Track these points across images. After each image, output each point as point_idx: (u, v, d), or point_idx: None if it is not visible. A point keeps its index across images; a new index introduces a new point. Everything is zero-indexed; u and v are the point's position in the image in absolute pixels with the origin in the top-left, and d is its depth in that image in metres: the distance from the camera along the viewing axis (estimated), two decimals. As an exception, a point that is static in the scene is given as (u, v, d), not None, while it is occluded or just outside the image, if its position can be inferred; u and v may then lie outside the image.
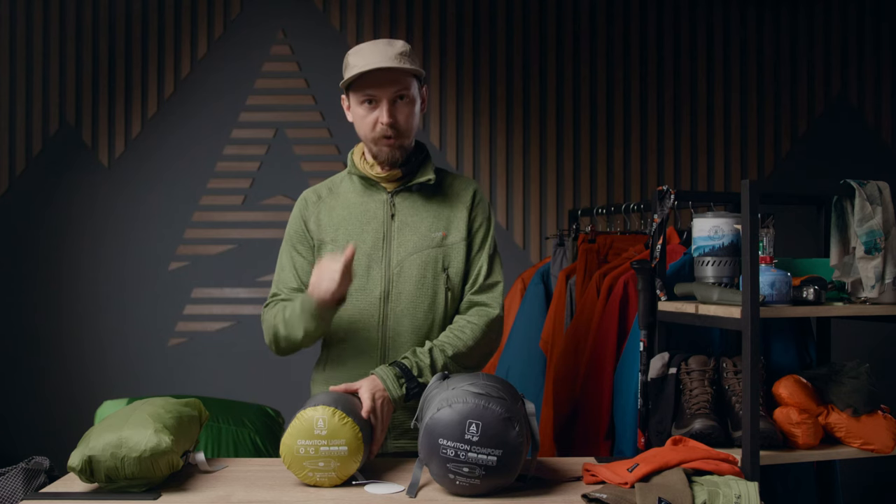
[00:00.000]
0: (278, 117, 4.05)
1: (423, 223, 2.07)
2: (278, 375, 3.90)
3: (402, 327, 2.04)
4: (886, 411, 2.26)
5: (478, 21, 4.12)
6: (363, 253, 2.05)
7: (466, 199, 2.11)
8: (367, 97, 2.01)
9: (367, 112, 2.02)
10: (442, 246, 2.06)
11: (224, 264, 4.03)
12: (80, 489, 1.74)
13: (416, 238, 2.06)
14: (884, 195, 2.27)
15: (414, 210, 2.08)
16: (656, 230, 2.38)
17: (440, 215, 2.08)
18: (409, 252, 2.05)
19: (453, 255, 2.07)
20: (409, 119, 2.04)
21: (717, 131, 4.19)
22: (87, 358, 3.98)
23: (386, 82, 1.99)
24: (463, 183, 2.14)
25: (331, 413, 1.73)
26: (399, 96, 2.01)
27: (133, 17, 4.04)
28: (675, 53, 4.17)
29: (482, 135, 4.11)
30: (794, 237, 3.27)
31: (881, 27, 4.26)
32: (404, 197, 2.09)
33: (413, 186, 2.08)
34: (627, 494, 1.65)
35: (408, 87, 2.02)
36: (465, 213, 2.10)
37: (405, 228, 2.06)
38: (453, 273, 2.07)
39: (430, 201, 2.09)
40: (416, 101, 2.05)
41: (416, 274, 2.04)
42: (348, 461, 1.74)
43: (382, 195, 2.09)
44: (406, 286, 2.04)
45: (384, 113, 2.00)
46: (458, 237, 2.08)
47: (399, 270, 2.04)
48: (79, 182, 4.01)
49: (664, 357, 2.29)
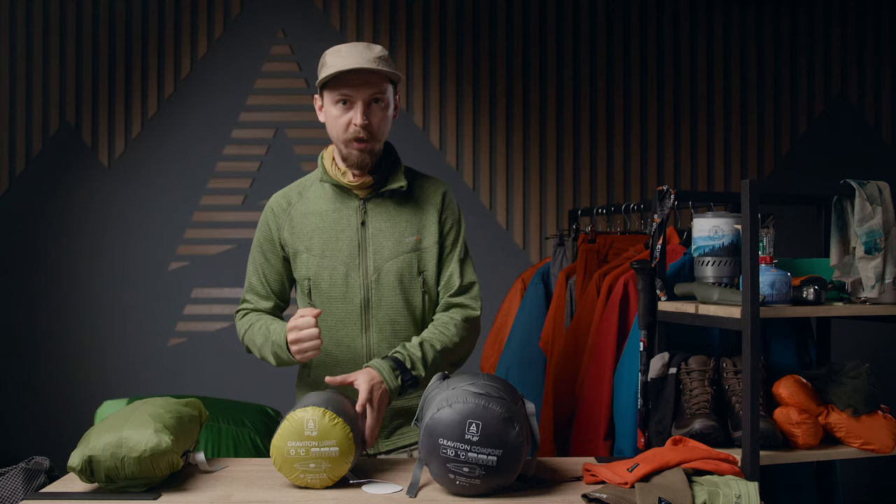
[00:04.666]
0: (278, 117, 4.05)
1: (397, 228, 2.08)
2: (278, 375, 3.90)
3: (384, 332, 2.06)
4: (886, 411, 2.26)
5: (478, 21, 4.12)
6: (340, 262, 2.06)
7: (437, 202, 2.12)
8: (343, 97, 2.00)
9: (340, 112, 2.01)
10: (417, 250, 2.08)
11: (224, 264, 4.03)
12: (80, 489, 1.74)
13: (391, 244, 2.07)
14: (884, 195, 2.27)
15: (387, 216, 2.08)
16: (656, 230, 2.38)
17: (412, 220, 2.09)
18: (384, 259, 2.06)
19: (428, 258, 2.09)
20: (383, 123, 2.03)
21: (717, 131, 4.19)
22: (87, 358, 3.98)
23: (362, 84, 1.99)
24: (433, 185, 2.15)
25: (321, 414, 1.72)
26: (374, 99, 2.01)
27: (133, 17, 4.04)
28: (675, 53, 4.17)
29: (482, 135, 4.11)
30: (794, 237, 3.27)
31: (881, 27, 4.26)
32: (376, 203, 2.08)
33: (385, 193, 2.08)
34: (627, 494, 1.65)
35: (383, 90, 2.02)
36: (436, 216, 2.11)
37: (379, 235, 2.07)
38: (429, 276, 2.09)
39: (402, 207, 2.10)
40: (390, 105, 2.05)
41: (394, 279, 2.06)
42: (340, 462, 1.73)
43: (354, 202, 2.08)
44: (385, 292, 2.06)
45: (359, 114, 1.99)
46: (431, 241, 2.09)
47: (377, 277, 2.06)
48: (79, 182, 4.01)
49: (664, 357, 2.29)
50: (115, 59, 4.04)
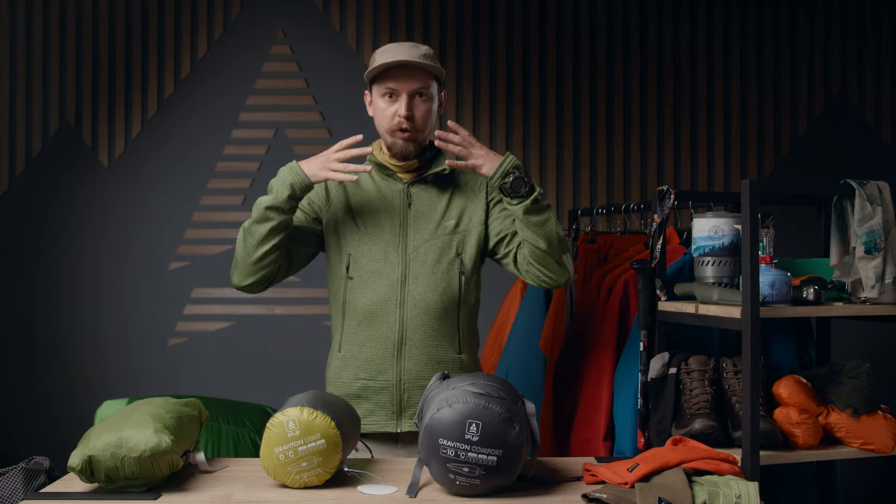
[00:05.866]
0: (278, 117, 4.05)
1: (437, 212, 2.19)
2: (278, 375, 3.91)
3: (419, 309, 2.14)
4: (886, 411, 2.26)
5: (478, 21, 4.12)
6: (381, 239, 2.17)
7: (480, 187, 2.24)
8: (389, 90, 2.14)
9: (387, 105, 2.16)
10: (455, 233, 2.18)
11: (224, 264, 4.02)
12: (80, 489, 1.74)
13: (431, 226, 2.18)
14: (884, 195, 2.27)
15: (429, 199, 2.20)
16: (656, 230, 2.38)
17: (454, 204, 2.21)
18: (424, 239, 2.17)
19: (467, 241, 2.19)
20: (426, 116, 2.17)
21: (717, 131, 4.19)
22: (87, 358, 3.97)
23: (407, 78, 2.13)
24: (475, 176, 2.26)
25: (298, 412, 1.74)
26: (418, 93, 2.14)
27: (133, 17, 4.03)
28: (675, 53, 4.17)
29: (482, 135, 4.11)
30: (794, 237, 3.27)
31: (881, 27, 4.25)
32: (420, 187, 2.21)
33: (428, 177, 2.21)
34: (627, 494, 1.65)
35: (427, 86, 2.16)
36: (481, 199, 2.22)
37: (421, 217, 2.18)
38: (467, 258, 2.18)
39: (444, 191, 2.22)
40: (433, 100, 2.19)
41: (432, 258, 2.16)
42: (330, 453, 1.74)
43: (399, 185, 2.21)
44: (422, 270, 2.15)
45: (402, 106, 2.13)
46: (472, 223, 2.20)
47: (415, 255, 2.16)
48: (79, 182, 4.01)
49: (664, 357, 2.29)
50: (115, 59, 4.03)
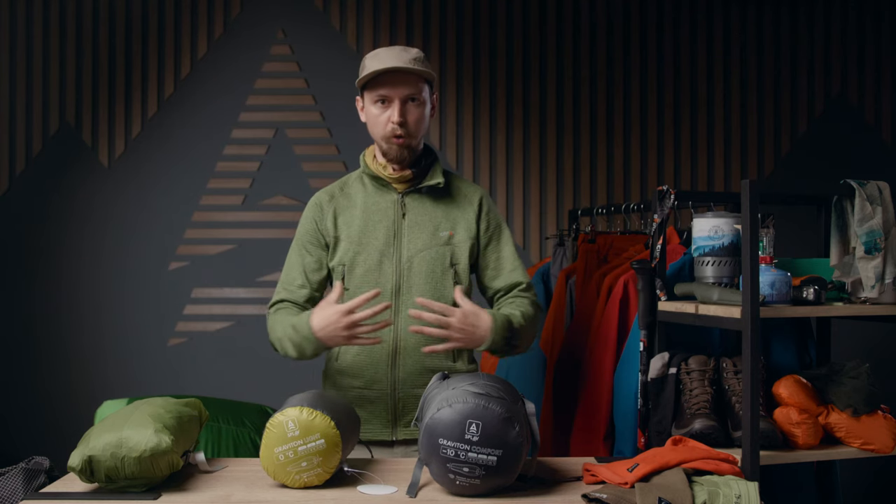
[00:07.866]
0: (278, 117, 4.05)
1: (432, 223, 2.18)
2: (278, 375, 3.90)
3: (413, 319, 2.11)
4: (886, 411, 2.26)
5: (478, 21, 4.12)
6: (375, 249, 2.16)
7: (474, 202, 2.24)
8: (381, 97, 2.12)
9: (380, 111, 2.14)
10: (449, 244, 2.18)
11: (224, 264, 4.03)
12: (80, 489, 1.74)
13: (425, 236, 2.17)
14: (884, 195, 2.26)
15: (423, 210, 2.19)
16: (656, 230, 2.38)
17: (448, 216, 2.20)
18: (418, 249, 2.16)
19: (460, 253, 2.18)
20: (419, 121, 2.15)
21: (717, 131, 4.19)
22: (87, 358, 3.97)
23: (399, 83, 2.11)
24: (470, 187, 2.27)
25: (298, 412, 1.74)
26: (410, 98, 2.13)
27: (133, 17, 4.04)
28: (675, 53, 4.17)
29: (482, 135, 4.11)
30: (794, 237, 3.27)
31: (881, 27, 4.25)
32: (414, 198, 2.20)
33: (423, 188, 2.19)
34: (627, 494, 1.65)
35: (419, 90, 2.14)
36: (473, 215, 2.22)
37: (415, 227, 2.17)
38: (461, 269, 2.18)
39: (438, 202, 2.21)
40: (426, 104, 2.17)
41: (426, 269, 2.15)
42: (330, 453, 1.74)
43: (393, 195, 2.19)
44: (416, 280, 2.15)
45: (395, 112, 2.11)
46: (465, 236, 2.19)
47: (409, 266, 2.15)
48: (79, 182, 4.01)
49: (664, 357, 2.29)
50: (115, 59, 4.03)
